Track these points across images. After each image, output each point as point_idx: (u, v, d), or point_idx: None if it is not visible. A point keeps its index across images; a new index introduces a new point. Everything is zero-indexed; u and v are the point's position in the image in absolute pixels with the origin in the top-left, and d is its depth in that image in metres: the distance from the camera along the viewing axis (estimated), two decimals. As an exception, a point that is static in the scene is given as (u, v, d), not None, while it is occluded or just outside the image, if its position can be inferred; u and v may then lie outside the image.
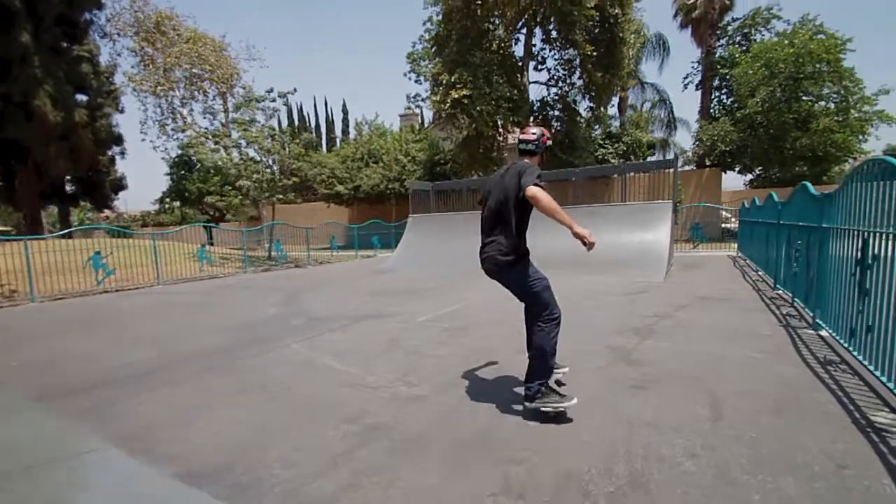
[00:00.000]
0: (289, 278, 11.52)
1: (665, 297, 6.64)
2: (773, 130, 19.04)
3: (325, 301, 7.57)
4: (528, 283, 2.87)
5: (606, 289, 7.51)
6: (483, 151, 19.58)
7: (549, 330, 2.81)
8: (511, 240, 2.80)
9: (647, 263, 8.69)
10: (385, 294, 7.99)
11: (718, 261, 11.50)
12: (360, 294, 8.11)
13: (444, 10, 17.84)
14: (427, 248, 12.29)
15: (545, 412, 2.69)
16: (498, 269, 2.86)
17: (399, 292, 8.13)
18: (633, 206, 10.18)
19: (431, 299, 7.22)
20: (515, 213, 2.77)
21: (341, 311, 6.49)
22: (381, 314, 6.14)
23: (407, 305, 6.74)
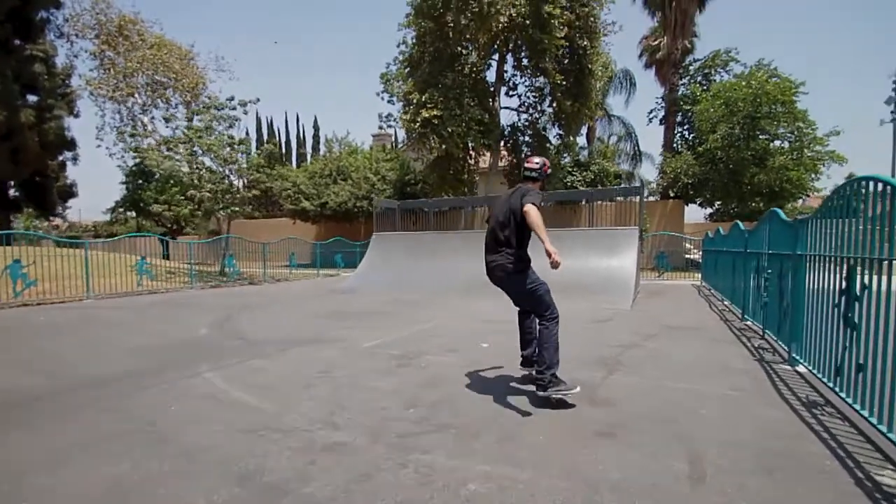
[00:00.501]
0: (237, 296, 10.64)
1: (632, 325, 6.28)
2: (733, 165, 19.69)
3: (266, 322, 6.84)
4: (531, 288, 3.27)
5: (572, 315, 7.11)
6: (453, 173, 19.35)
7: (551, 327, 3.22)
8: (515, 251, 3.22)
9: (614, 290, 8.40)
10: (337, 316, 7.32)
11: (683, 289, 11.40)
12: (308, 315, 7.41)
13: (418, 33, 17.81)
14: (391, 267, 11.69)
15: (553, 398, 3.11)
16: (506, 276, 3.28)
17: (353, 314, 7.48)
18: (599, 231, 9.98)
19: (386, 323, 6.61)
20: (518, 229, 3.19)
21: (281, 335, 5.79)
22: (324, 339, 5.48)
23: (357, 329, 6.10)
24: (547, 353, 3.13)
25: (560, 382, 3.13)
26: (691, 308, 8.14)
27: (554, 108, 19.84)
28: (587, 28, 17.34)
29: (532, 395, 3.32)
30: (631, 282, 8.51)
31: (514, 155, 20.05)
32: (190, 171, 13.60)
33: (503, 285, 3.43)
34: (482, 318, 7.02)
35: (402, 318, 6.97)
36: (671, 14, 24.07)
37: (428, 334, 5.71)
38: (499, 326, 6.27)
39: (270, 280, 15.04)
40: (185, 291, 11.92)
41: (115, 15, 25.61)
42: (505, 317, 7.01)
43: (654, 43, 27.89)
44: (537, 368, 3.21)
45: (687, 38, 24.68)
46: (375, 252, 12.53)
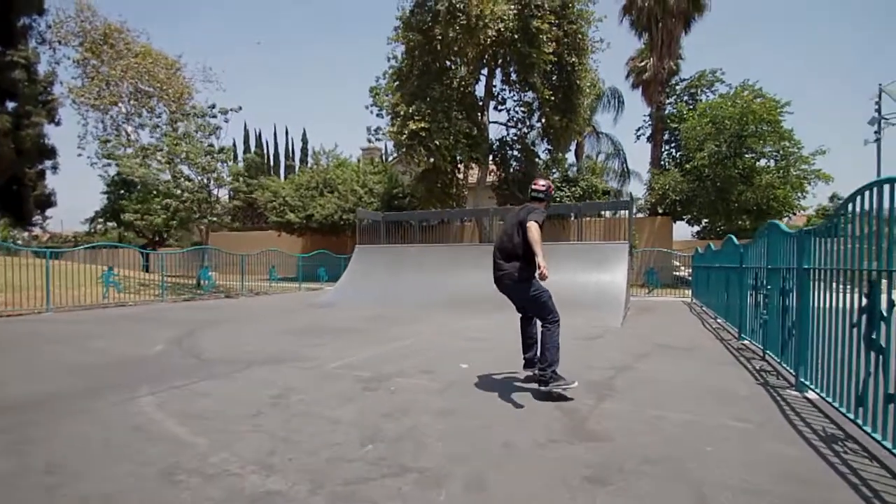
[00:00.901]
0: (208, 310, 10.05)
1: (623, 343, 5.88)
2: (720, 183, 19.72)
3: (230, 339, 6.31)
4: (534, 294, 3.63)
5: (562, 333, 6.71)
6: (441, 186, 19.06)
7: (553, 329, 3.59)
8: (521, 262, 3.57)
9: (604, 306, 8.03)
10: (309, 332, 6.82)
11: (674, 306, 11.09)
12: (278, 331, 6.89)
13: (407, 46, 17.69)
14: (373, 281, 11.22)
15: (554, 393, 3.49)
16: (513, 283, 3.63)
17: (327, 330, 6.98)
18: (589, 246, 9.67)
19: (361, 340, 6.13)
20: (524, 242, 3.53)
21: (242, 353, 5.28)
22: (288, 358, 4.99)
23: (328, 347, 5.61)
24: (549, 352, 3.52)
25: (560, 378, 3.52)
26: (684, 326, 7.79)
27: (542, 124, 19.77)
28: (575, 45, 17.38)
29: (512, 422, 2.89)
30: (621, 298, 8.16)
31: (503, 169, 19.87)
32: (166, 180, 13.06)
33: (509, 292, 3.77)
34: (466, 335, 6.58)
35: (379, 335, 6.49)
36: (657, 35, 24.41)
37: (404, 353, 5.25)
38: (482, 344, 5.83)
39: (248, 293, 14.43)
40: (155, 304, 11.30)
41: (101, 23, 25.25)
42: (490, 334, 6.59)
43: (641, 64, 28.27)
44: (539, 367, 3.58)
45: (673, 59, 25.01)
46: (357, 265, 12.05)
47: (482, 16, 14.35)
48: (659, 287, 13.73)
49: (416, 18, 16.87)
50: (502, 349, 5.45)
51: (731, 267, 6.84)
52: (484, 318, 8.29)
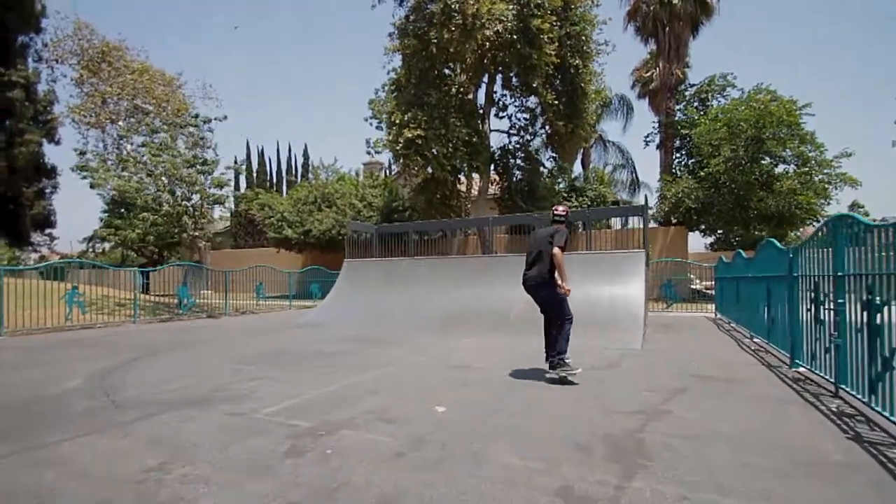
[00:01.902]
0: (178, 332, 9.04)
1: (647, 373, 4.73)
2: (738, 190, 18.53)
3: (170, 370, 5.26)
4: (555, 297, 4.50)
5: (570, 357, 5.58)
6: (441, 198, 18.12)
7: (567, 326, 4.48)
8: (546, 270, 4.51)
9: (620, 324, 6.87)
10: (270, 360, 5.75)
11: (698, 323, 9.87)
12: (233, 359, 5.83)
13: (403, 54, 16.99)
14: (361, 298, 10.16)
15: (561, 377, 4.29)
16: (537, 285, 4.55)
17: (291, 358, 5.91)
18: (600, 256, 8.55)
19: (325, 371, 5.04)
20: (548, 256, 4.47)
21: (167, 391, 4.22)
22: (218, 398, 3.92)
23: (279, 382, 4.54)
24: (560, 343, 4.36)
25: (566, 365, 4.31)
26: (716, 347, 6.60)
27: (546, 131, 18.87)
28: (579, 47, 16.55)
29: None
30: (640, 314, 7.01)
31: (506, 179, 18.88)
32: (142, 191, 12.26)
33: (534, 293, 4.60)
34: (454, 360, 5.46)
35: (350, 364, 5.40)
36: (664, 39, 23.59)
37: (370, 388, 4.16)
38: (470, 374, 4.71)
39: (233, 313, 13.44)
40: (124, 327, 10.33)
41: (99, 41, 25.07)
42: (482, 359, 5.47)
43: (647, 74, 27.44)
44: (551, 353, 4.41)
45: (681, 64, 24.11)
46: (345, 281, 11.02)
47: (479, 15, 13.57)
48: (677, 301, 12.48)
49: (413, 25, 16.21)
50: (494, 382, 4.34)
51: (774, 276, 5.68)
52: (478, 338, 7.17)
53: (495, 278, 9.04)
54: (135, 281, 11.23)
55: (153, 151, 12.48)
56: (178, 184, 12.21)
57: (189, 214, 12.64)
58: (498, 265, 9.59)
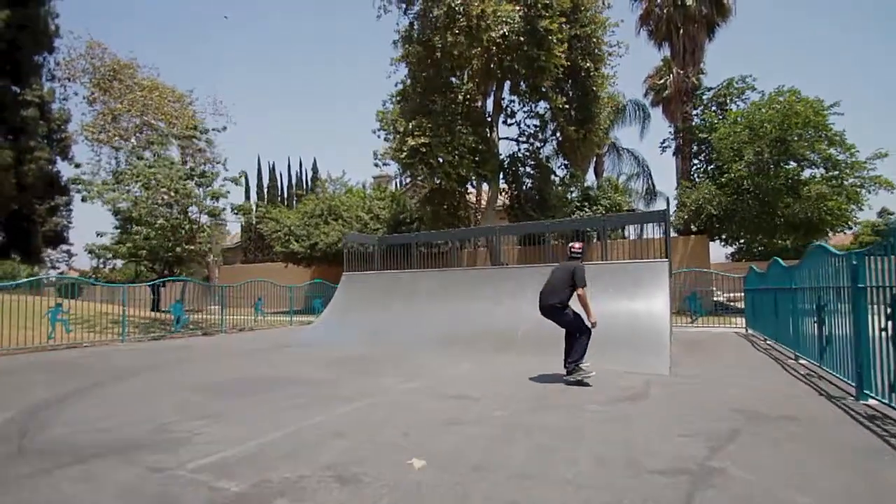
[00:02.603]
0: (157, 352, 8.42)
1: (682, 408, 3.88)
2: (763, 195, 17.46)
3: (119, 401, 4.58)
4: (571, 319, 5.08)
5: (581, 387, 4.74)
6: (448, 209, 17.46)
7: (584, 339, 5.01)
8: (564, 299, 5.10)
9: (643, 345, 6.01)
10: (234, 389, 5.05)
11: (728, 340, 8.90)
12: (197, 387, 5.13)
13: (408, 62, 16.56)
14: (358, 314, 9.44)
15: (577, 380, 4.87)
16: (553, 309, 5.11)
17: (262, 385, 5.19)
18: (617, 266, 7.71)
19: (293, 403, 4.30)
20: (568, 288, 5.08)
21: (103, 428, 3.52)
22: (145, 444, 3.20)
23: (230, 420, 3.82)
24: (576, 353, 5.00)
25: (581, 370, 4.95)
26: (757, 371, 5.69)
27: (557, 138, 18.14)
28: (589, 49, 15.89)
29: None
30: (666, 333, 6.13)
31: (516, 187, 18.13)
32: (138, 205, 11.83)
33: (552, 316, 5.20)
34: (449, 390, 4.68)
35: (325, 394, 4.66)
36: (679, 42, 22.82)
37: (336, 430, 3.39)
38: (468, 410, 3.91)
39: (230, 330, 12.85)
40: (111, 346, 9.79)
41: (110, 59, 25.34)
42: (482, 387, 4.67)
43: (660, 81, 26.65)
44: (568, 360, 5.05)
45: (697, 67, 23.29)
46: (342, 296, 10.33)
47: (484, 16, 13.02)
48: (703, 315, 11.47)
49: (417, 32, 15.79)
50: (493, 422, 3.54)
51: (828, 287, 4.80)
52: (481, 360, 6.37)
53: (503, 292, 8.26)
54: (123, 297, 10.70)
55: (148, 163, 12.09)
56: (173, 196, 11.77)
57: (184, 228, 12.16)
58: (506, 277, 8.82)
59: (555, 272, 5.30)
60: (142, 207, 11.72)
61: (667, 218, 7.81)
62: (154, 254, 12.41)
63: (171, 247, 12.19)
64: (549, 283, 5.23)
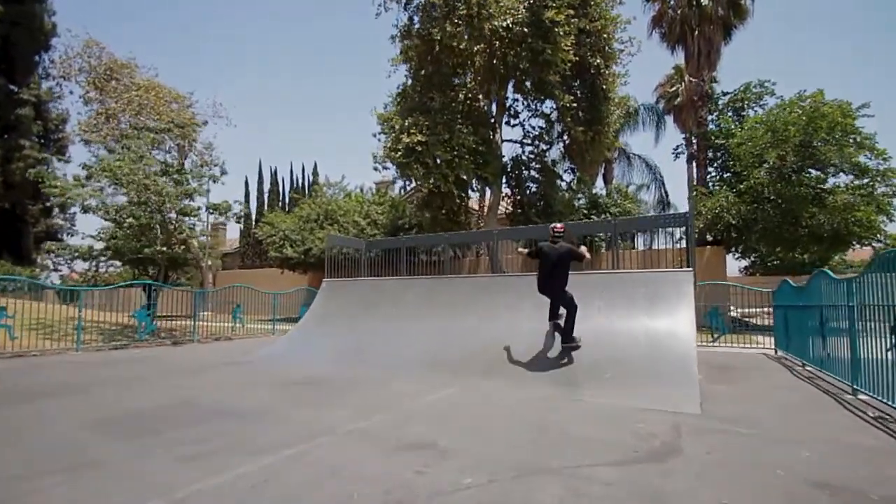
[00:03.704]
0: (102, 366, 7.36)
1: (734, 481, 2.70)
2: (784, 204, 16.20)
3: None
4: (569, 299, 5.66)
5: (585, 433, 3.57)
6: (447, 214, 16.41)
7: (573, 312, 5.61)
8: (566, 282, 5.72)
9: (664, 374, 4.84)
10: (139, 424, 3.95)
11: (759, 364, 7.67)
12: (98, 419, 4.04)
13: (406, 57, 15.67)
14: (334, 327, 8.33)
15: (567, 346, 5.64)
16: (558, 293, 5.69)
17: (181, 419, 4.09)
18: (634, 276, 6.55)
19: (196, 450, 3.19)
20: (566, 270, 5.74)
21: None
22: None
23: (95, 476, 2.72)
24: (568, 325, 5.62)
25: (573, 339, 5.64)
26: (810, 409, 4.49)
27: (564, 140, 17.08)
28: (599, 46, 14.88)
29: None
30: (693, 360, 4.96)
31: (519, 192, 17.05)
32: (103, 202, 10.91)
33: (553, 295, 5.77)
34: (415, 433, 3.54)
35: (245, 436, 3.54)
36: (694, 44, 21.73)
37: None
38: (428, 473, 2.74)
39: (204, 338, 11.80)
40: (63, 355, 8.78)
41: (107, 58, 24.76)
42: (459, 433, 3.48)
43: (672, 89, 25.62)
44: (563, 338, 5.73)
45: (712, 70, 22.19)
46: (320, 305, 9.25)
47: (485, 4, 12.06)
48: (726, 332, 10.21)
49: (417, 26, 14.92)
50: (459, 501, 2.39)
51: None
52: (466, 387, 5.22)
53: (500, 304, 7.14)
54: (79, 302, 9.71)
55: (119, 158, 11.19)
56: (142, 193, 10.83)
57: (155, 228, 11.20)
58: (504, 287, 7.68)
59: (549, 256, 5.67)
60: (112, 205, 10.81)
61: (689, 221, 6.66)
62: (121, 255, 11.41)
63: (140, 248, 11.21)
64: (547, 267, 5.67)
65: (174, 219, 11.74)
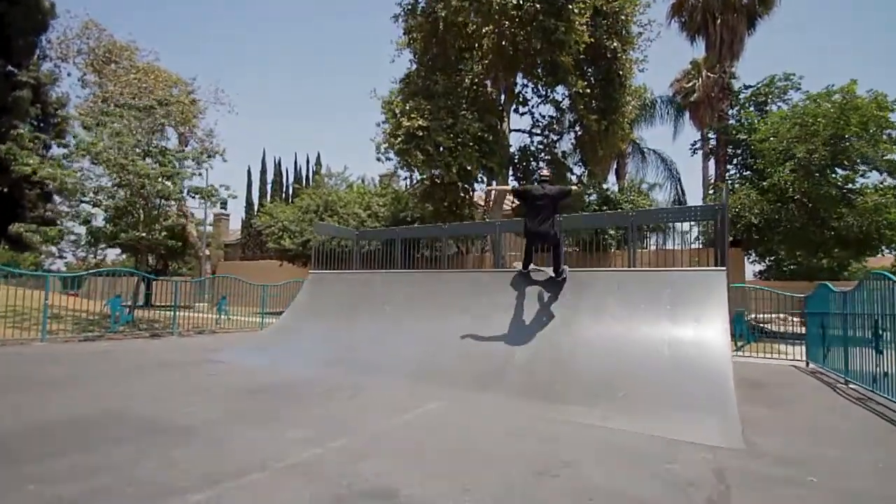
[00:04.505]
0: (57, 359, 6.61)
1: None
2: (812, 203, 15.11)
3: None
4: (558, 239, 5.55)
5: (599, 478, 2.68)
6: (448, 206, 15.52)
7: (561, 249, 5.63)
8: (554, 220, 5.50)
9: (694, 395, 3.94)
10: (32, 446, 3.15)
11: (794, 378, 6.73)
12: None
13: (410, 37, 14.78)
14: (315, 324, 7.51)
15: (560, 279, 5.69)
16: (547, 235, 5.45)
17: (88, 436, 3.28)
18: (652, 274, 5.64)
19: (83, 489, 2.37)
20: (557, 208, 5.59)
21: None
22: None
23: None
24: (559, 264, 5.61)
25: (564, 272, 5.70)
26: (876, 440, 3.58)
27: (576, 131, 16.10)
28: (616, 28, 13.86)
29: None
30: (729, 379, 4.05)
31: (527, 184, 16.11)
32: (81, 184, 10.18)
33: (544, 239, 5.56)
34: (373, 471, 2.68)
35: (145, 473, 2.72)
36: (716, 33, 20.58)
37: None
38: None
39: (185, 331, 11.07)
40: (26, 346, 8.10)
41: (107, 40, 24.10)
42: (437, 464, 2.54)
43: (688, 85, 24.50)
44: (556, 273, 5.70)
45: (736, 61, 21.03)
46: (303, 300, 8.41)
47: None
48: (753, 341, 9.22)
49: (422, 4, 14.04)
50: None
51: None
52: (453, 401, 4.36)
53: (499, 304, 6.26)
54: (47, 288, 8.99)
55: (96, 133, 10.45)
56: (125, 175, 10.09)
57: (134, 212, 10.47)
58: (504, 284, 6.78)
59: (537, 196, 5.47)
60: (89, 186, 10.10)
61: (724, 213, 5.72)
62: (97, 240, 10.71)
63: (115, 233, 10.49)
64: (537, 210, 5.43)
65: (158, 203, 11.00)
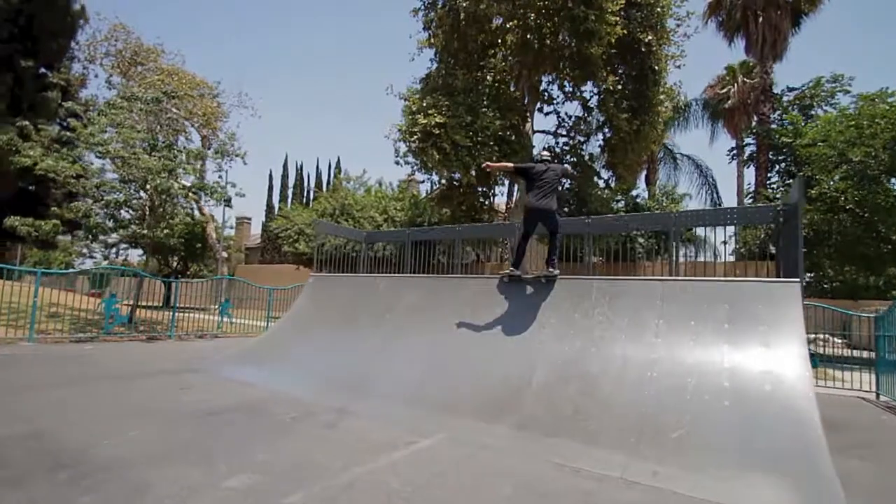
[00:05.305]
0: (31, 365, 6.04)
1: None
2: (866, 213, 13.64)
3: None
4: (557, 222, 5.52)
5: None
6: (466, 210, 14.72)
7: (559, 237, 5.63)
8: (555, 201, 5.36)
9: (767, 450, 2.95)
10: None
11: (866, 413, 5.59)
12: None
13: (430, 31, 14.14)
14: (309, 334, 6.75)
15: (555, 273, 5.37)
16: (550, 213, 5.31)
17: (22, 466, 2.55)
18: (705, 286, 4.63)
19: None
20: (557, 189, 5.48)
21: None
22: None
23: None
24: (554, 255, 5.47)
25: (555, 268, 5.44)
26: None
27: (605, 133, 15.07)
28: (650, 21, 12.87)
29: None
30: (818, 426, 3.04)
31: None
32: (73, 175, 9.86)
33: (545, 219, 5.37)
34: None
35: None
36: (758, 31, 19.28)
37: None
38: None
39: (186, 334, 10.53)
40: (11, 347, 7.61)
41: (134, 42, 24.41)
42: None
43: (723, 91, 23.19)
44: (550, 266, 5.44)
45: (778, 61, 19.65)
46: (303, 306, 7.68)
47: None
48: (817, 365, 7.92)
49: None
50: None
51: None
52: (452, 437, 3.46)
53: (513, 315, 5.38)
54: (36, 284, 8.54)
55: (101, 125, 10.11)
56: (127, 170, 9.70)
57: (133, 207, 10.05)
58: (520, 293, 5.88)
59: (539, 172, 5.32)
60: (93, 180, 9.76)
61: (798, 213, 4.68)
62: (91, 233, 10.31)
63: (113, 228, 10.07)
64: (539, 187, 5.29)
65: (162, 200, 10.56)
